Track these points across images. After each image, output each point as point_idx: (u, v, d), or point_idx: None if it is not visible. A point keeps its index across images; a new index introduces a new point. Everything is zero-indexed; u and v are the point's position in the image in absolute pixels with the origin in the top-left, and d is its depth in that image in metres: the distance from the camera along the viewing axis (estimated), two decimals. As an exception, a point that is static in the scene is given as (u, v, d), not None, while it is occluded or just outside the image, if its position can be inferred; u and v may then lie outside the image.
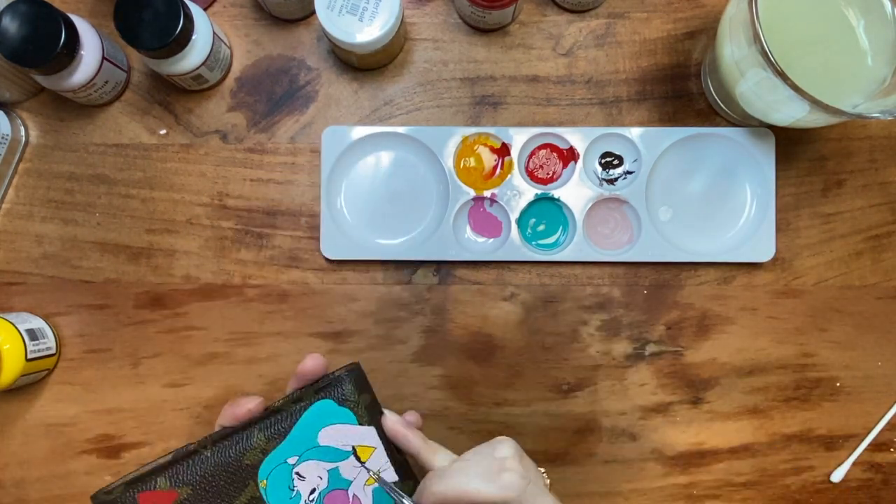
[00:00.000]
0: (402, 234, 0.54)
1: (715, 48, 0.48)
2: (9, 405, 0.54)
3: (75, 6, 0.54)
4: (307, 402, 0.38)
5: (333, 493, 0.38)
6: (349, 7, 0.48)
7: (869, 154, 0.55)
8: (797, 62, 0.43)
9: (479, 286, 0.54)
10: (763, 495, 0.55)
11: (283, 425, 0.38)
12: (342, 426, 0.38)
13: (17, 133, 0.54)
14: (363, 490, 0.39)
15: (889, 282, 0.55)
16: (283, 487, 0.38)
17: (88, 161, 0.55)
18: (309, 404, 0.38)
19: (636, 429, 0.54)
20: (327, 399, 0.38)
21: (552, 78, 0.55)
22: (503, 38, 0.55)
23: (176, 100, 0.55)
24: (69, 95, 0.51)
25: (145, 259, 0.54)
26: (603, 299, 0.54)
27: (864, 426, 0.55)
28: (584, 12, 0.55)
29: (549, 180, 0.54)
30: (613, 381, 0.54)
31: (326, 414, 0.38)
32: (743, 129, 0.53)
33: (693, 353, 0.54)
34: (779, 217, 0.54)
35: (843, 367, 0.55)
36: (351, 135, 0.53)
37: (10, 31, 0.46)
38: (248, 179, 0.55)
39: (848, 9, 0.46)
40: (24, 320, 0.52)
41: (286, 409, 0.38)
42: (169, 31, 0.47)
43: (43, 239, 0.55)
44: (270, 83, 0.55)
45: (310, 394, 0.39)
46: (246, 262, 0.54)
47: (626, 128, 0.53)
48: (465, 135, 0.53)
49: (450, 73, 0.55)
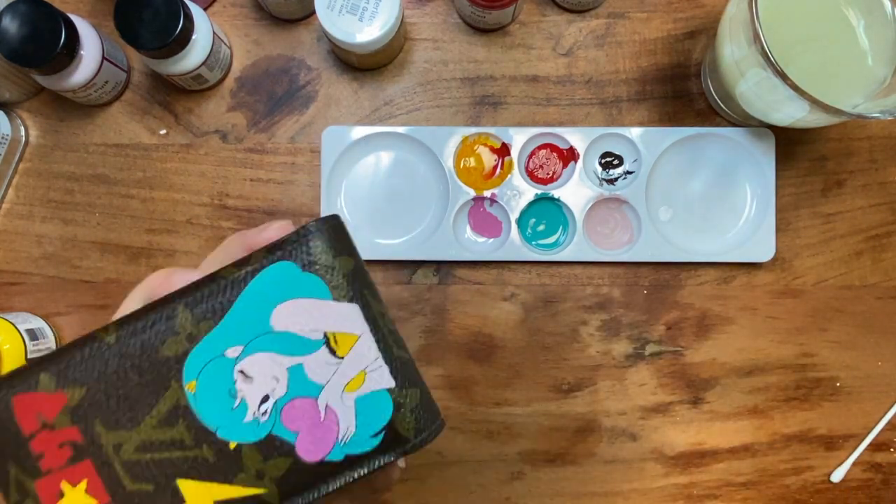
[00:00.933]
0: (402, 234, 0.54)
1: (715, 48, 0.48)
2: (9, 405, 0.54)
3: (75, 6, 0.54)
4: (255, 265, 0.26)
5: (295, 402, 0.26)
6: (349, 7, 0.48)
7: (869, 154, 0.55)
8: (797, 62, 0.43)
9: (479, 286, 0.54)
10: (763, 495, 0.55)
11: (219, 300, 0.26)
12: (308, 301, 0.26)
13: (17, 133, 0.54)
14: (341, 398, 0.26)
15: (889, 282, 0.55)
16: (221, 391, 0.26)
17: (88, 161, 0.55)
18: (258, 269, 0.26)
19: (636, 429, 0.54)
20: (286, 262, 0.26)
21: (552, 78, 0.55)
22: (503, 38, 0.55)
23: (176, 100, 0.55)
24: (69, 95, 0.51)
25: (145, 259, 0.54)
26: (603, 299, 0.54)
27: (864, 426, 0.55)
28: (584, 12, 0.55)
29: (549, 180, 0.54)
30: (613, 381, 0.54)
31: (285, 284, 0.26)
32: (743, 129, 0.53)
33: (693, 353, 0.54)
34: (779, 217, 0.54)
35: (843, 367, 0.55)
36: (351, 135, 0.53)
37: (10, 31, 0.46)
38: (248, 179, 0.55)
39: (848, 9, 0.46)
40: (24, 320, 0.52)
41: (224, 277, 0.26)
42: (169, 31, 0.47)
43: (43, 239, 0.55)
44: (270, 83, 0.55)
45: (260, 253, 0.26)
46: (246, 262, 0.54)
47: (626, 128, 0.53)
48: (465, 135, 0.53)
49: (450, 73, 0.55)
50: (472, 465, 0.54)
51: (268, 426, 0.26)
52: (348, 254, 0.27)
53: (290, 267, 0.26)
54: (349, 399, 0.26)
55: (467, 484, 0.54)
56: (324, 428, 0.26)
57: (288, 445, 0.26)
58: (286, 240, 0.26)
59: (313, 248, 0.26)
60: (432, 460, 0.46)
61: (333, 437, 0.26)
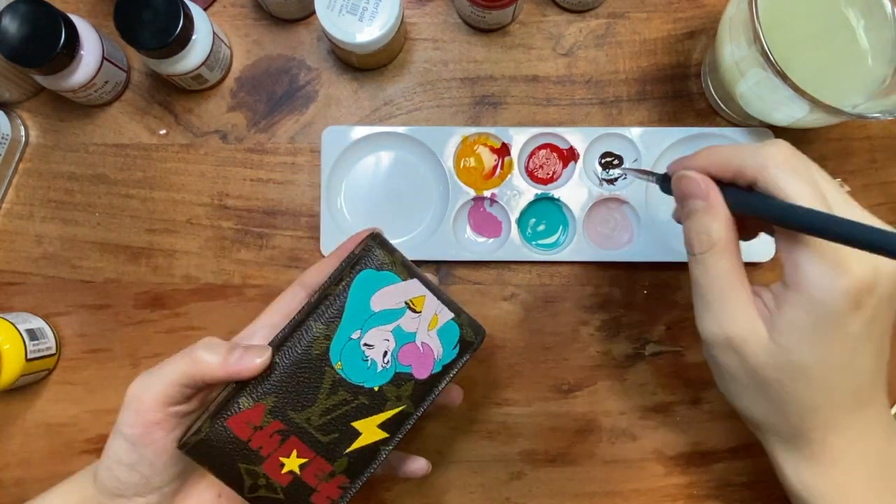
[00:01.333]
0: (402, 234, 0.54)
1: (715, 48, 0.48)
2: (9, 405, 0.54)
3: (75, 6, 0.54)
4: (348, 278, 0.39)
5: (404, 348, 0.40)
6: (349, 7, 0.48)
7: (869, 154, 0.55)
8: (797, 62, 0.43)
9: (479, 286, 0.54)
10: (763, 495, 0.54)
11: (335, 308, 0.39)
12: (388, 288, 0.39)
13: (17, 133, 0.54)
14: (428, 335, 0.40)
15: (889, 282, 0.55)
16: (358, 361, 0.39)
17: (88, 161, 0.55)
18: (351, 280, 0.39)
19: (636, 429, 0.54)
20: (366, 269, 0.39)
21: (552, 78, 0.55)
22: (503, 38, 0.55)
23: (176, 100, 0.55)
24: (69, 95, 0.51)
25: (145, 259, 0.54)
26: (603, 299, 0.54)
27: (864, 426, 0.55)
28: (584, 12, 0.55)
29: (549, 180, 0.54)
30: (613, 381, 0.54)
31: (370, 283, 0.39)
32: (743, 129, 0.53)
33: (693, 353, 0.54)
34: (779, 217, 0.54)
35: (843, 367, 0.55)
36: (351, 135, 0.53)
37: (10, 31, 0.46)
38: (248, 179, 0.55)
39: (848, 9, 0.46)
40: (24, 320, 0.52)
41: (331, 293, 0.39)
42: (169, 31, 0.47)
43: (43, 239, 0.55)
44: (270, 83, 0.55)
45: (347, 271, 0.39)
46: (246, 262, 0.54)
47: (626, 128, 0.53)
48: (465, 135, 0.53)
49: (450, 73, 0.55)
50: (472, 465, 0.54)
51: (392, 369, 0.40)
52: (396, 251, 0.40)
53: (370, 272, 0.39)
54: (433, 334, 0.40)
55: (467, 484, 0.54)
56: (424, 356, 0.40)
57: (408, 374, 0.40)
58: (361, 256, 0.39)
59: (377, 255, 0.39)
60: (432, 460, 0.46)
61: (432, 359, 0.40)
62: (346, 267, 0.39)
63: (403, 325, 0.40)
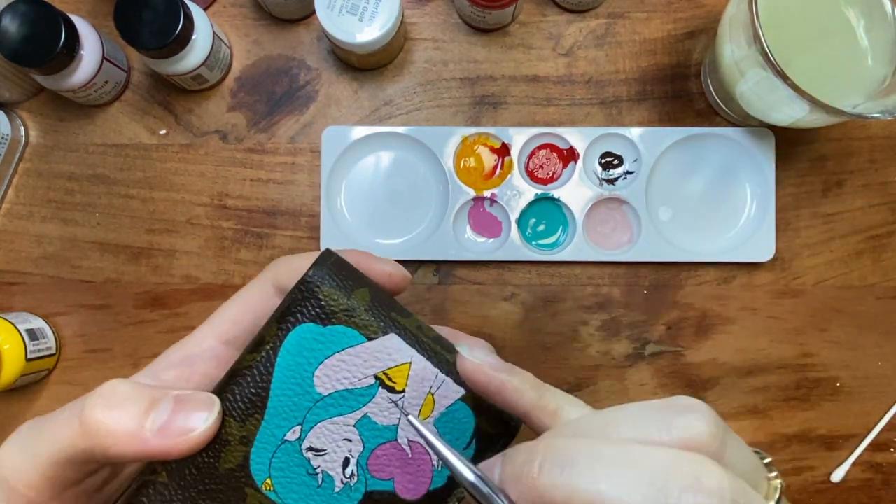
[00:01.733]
0: (402, 234, 0.54)
1: (715, 48, 0.48)
2: (9, 405, 0.54)
3: (75, 6, 0.54)
4: (273, 342, 0.25)
5: (377, 452, 0.25)
6: (349, 7, 0.48)
7: (869, 154, 0.55)
8: (797, 62, 0.43)
9: (479, 286, 0.54)
10: (763, 495, 0.54)
11: (253, 391, 0.25)
12: (344, 354, 0.25)
13: (17, 133, 0.54)
14: (419, 428, 0.24)
15: (889, 282, 0.55)
16: (299, 476, 0.25)
17: (88, 161, 0.55)
18: (278, 345, 0.25)
19: (636, 429, 0.54)
20: (303, 324, 0.25)
21: (552, 78, 0.55)
22: (503, 38, 0.55)
23: (176, 100, 0.55)
24: (69, 95, 0.51)
25: (145, 259, 0.54)
26: (603, 299, 0.54)
27: (864, 426, 0.55)
28: (584, 12, 0.55)
29: (549, 180, 0.54)
30: (613, 381, 0.54)
31: (312, 347, 0.25)
32: (743, 129, 0.53)
33: (693, 353, 0.54)
34: (779, 217, 0.54)
35: (843, 367, 0.55)
36: (351, 135, 0.53)
37: (10, 31, 0.46)
38: (248, 179, 0.55)
39: (848, 9, 0.46)
40: (24, 320, 0.52)
41: (247, 367, 0.25)
42: (169, 31, 0.47)
43: (43, 239, 0.55)
44: (270, 83, 0.55)
45: (272, 328, 0.25)
46: (246, 262, 0.54)
47: (626, 128, 0.53)
48: (465, 135, 0.53)
49: (450, 73, 0.55)
50: (472, 465, 0.54)
51: (361, 486, 0.25)
52: (359, 285, 0.25)
53: (309, 328, 0.25)
54: (429, 424, 0.25)
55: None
56: (415, 463, 0.25)
57: (388, 494, 0.25)
58: (292, 302, 0.25)
59: (323, 298, 0.25)
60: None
61: (429, 467, 0.25)
62: (271, 321, 0.25)
63: (375, 415, 0.25)
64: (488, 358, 0.25)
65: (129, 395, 0.23)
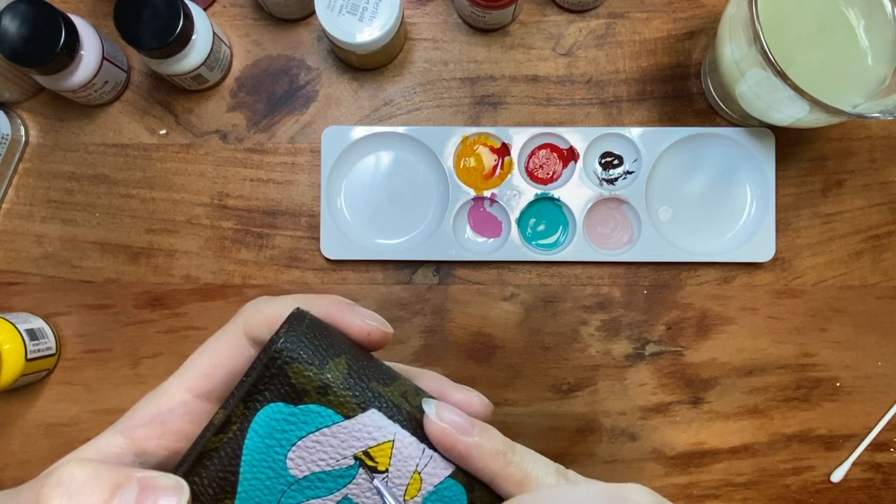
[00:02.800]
0: (402, 234, 0.54)
1: (715, 48, 0.48)
2: (9, 405, 0.54)
3: (75, 6, 0.54)
4: (237, 423, 0.23)
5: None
6: (349, 7, 0.48)
7: (869, 154, 0.55)
8: (797, 62, 0.43)
9: (479, 286, 0.54)
10: (763, 495, 0.54)
11: (221, 475, 0.23)
12: (318, 435, 0.23)
13: (17, 133, 0.54)
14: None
15: (889, 282, 0.55)
16: None
17: (88, 161, 0.55)
18: (245, 426, 0.23)
19: (636, 429, 0.54)
20: (272, 404, 0.23)
21: (552, 78, 0.55)
22: (503, 38, 0.55)
23: (176, 100, 0.55)
24: (69, 95, 0.51)
25: (145, 259, 0.54)
26: (603, 299, 0.54)
27: (864, 426, 0.55)
28: (584, 12, 0.55)
29: (549, 180, 0.54)
30: (613, 381, 0.54)
31: (282, 427, 0.23)
32: (743, 129, 0.53)
33: (693, 353, 0.54)
34: (779, 217, 0.54)
35: (843, 367, 0.55)
36: (351, 135, 0.53)
37: (10, 31, 0.46)
38: (248, 179, 0.55)
39: (848, 9, 0.46)
40: (24, 320, 0.52)
41: (214, 450, 0.23)
42: (169, 31, 0.47)
43: (43, 239, 0.55)
44: (270, 83, 0.55)
45: (238, 407, 0.23)
46: (246, 262, 0.54)
47: (626, 128, 0.53)
48: (465, 135, 0.53)
49: (450, 73, 0.55)
50: (472, 465, 0.54)
51: None
52: (335, 353, 0.23)
53: (279, 408, 0.22)
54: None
55: None
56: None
57: None
58: (258, 378, 0.22)
59: (293, 375, 0.22)
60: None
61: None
62: (236, 397, 0.23)
63: (356, 496, 0.23)
64: (455, 417, 0.24)
65: (88, 481, 0.21)
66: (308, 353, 0.22)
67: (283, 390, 0.22)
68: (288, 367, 0.22)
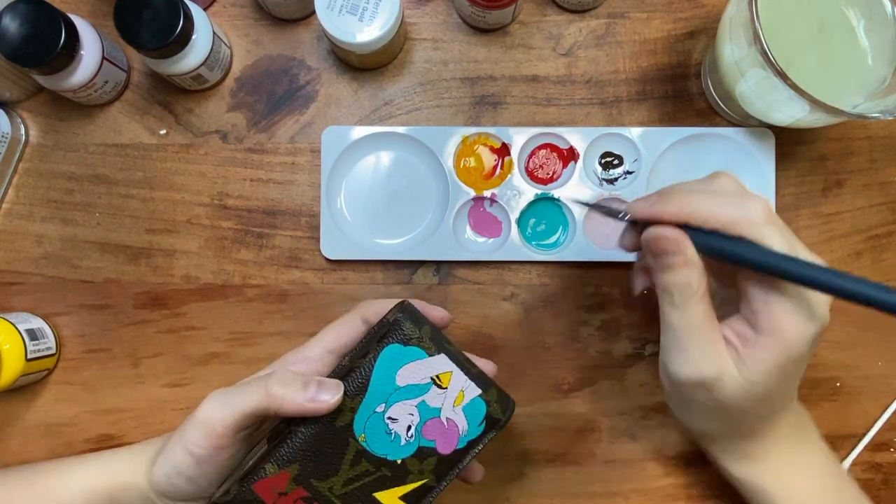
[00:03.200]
0: (402, 234, 0.54)
1: (715, 48, 0.48)
2: (9, 405, 0.54)
3: (75, 6, 0.54)
4: (374, 353, 0.40)
5: (428, 423, 0.40)
6: (349, 7, 0.48)
7: (869, 154, 0.55)
8: (797, 62, 0.43)
9: (479, 286, 0.54)
10: (763, 495, 0.54)
11: (359, 381, 0.39)
12: (415, 363, 0.40)
13: (18, 132, 0.54)
14: (453, 411, 0.40)
15: (889, 282, 0.55)
16: (381, 434, 0.40)
17: (88, 161, 0.55)
18: (377, 354, 0.39)
19: (636, 429, 0.54)
20: (392, 344, 0.40)
21: (552, 78, 0.55)
22: (503, 38, 0.55)
23: (176, 100, 0.55)
24: (69, 95, 0.51)
25: (145, 259, 0.54)
26: (603, 299, 0.54)
27: (864, 426, 0.55)
28: (584, 12, 0.55)
29: (549, 180, 0.54)
30: (613, 381, 0.54)
31: (396, 357, 0.40)
32: (743, 129, 0.53)
33: (693, 353, 0.54)
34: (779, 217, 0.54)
35: (843, 367, 0.55)
36: (351, 135, 0.53)
37: (10, 31, 0.46)
38: (248, 179, 0.55)
39: (848, 9, 0.46)
40: (24, 320, 0.52)
41: (357, 366, 0.39)
42: (169, 31, 0.47)
43: (43, 239, 0.55)
44: (270, 83, 0.55)
45: (373, 345, 0.40)
46: (246, 262, 0.54)
47: (626, 128, 0.53)
48: (465, 135, 0.53)
49: (450, 73, 0.55)
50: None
51: (415, 443, 0.40)
52: (424, 322, 0.41)
53: (396, 347, 0.40)
54: (458, 410, 0.40)
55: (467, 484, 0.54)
56: (449, 432, 0.40)
57: (431, 449, 0.40)
58: (388, 330, 0.40)
59: (405, 329, 0.40)
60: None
61: (456, 434, 0.40)
62: (372, 340, 0.40)
63: (428, 400, 0.40)
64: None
65: (293, 379, 0.39)
66: (412, 320, 0.40)
67: (399, 337, 0.40)
68: (403, 325, 0.40)
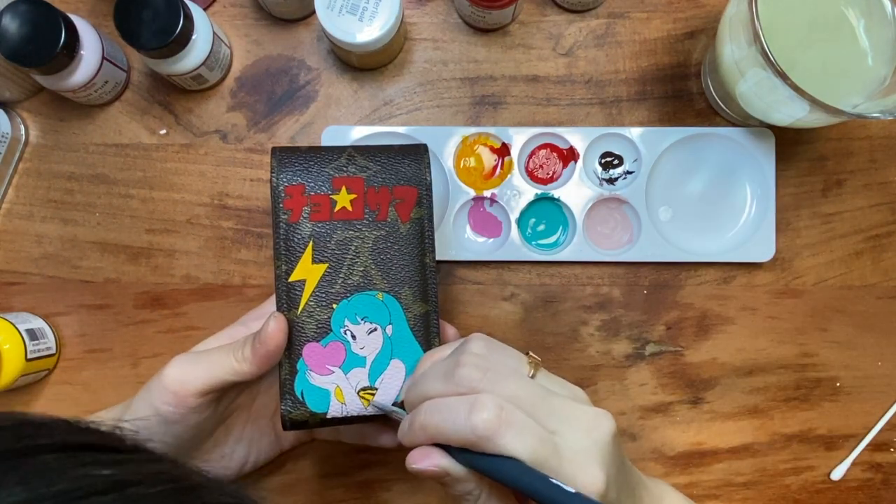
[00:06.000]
0: (402, 234, 0.54)
1: (715, 48, 0.48)
2: (9, 405, 0.54)
3: (75, 6, 0.54)
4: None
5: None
6: (349, 7, 0.48)
7: (869, 154, 0.55)
8: (797, 62, 0.43)
9: (479, 286, 0.54)
10: (763, 495, 0.55)
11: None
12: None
13: (17, 132, 0.54)
14: None
15: (889, 282, 0.55)
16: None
17: (88, 161, 0.55)
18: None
19: (636, 429, 0.54)
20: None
21: (552, 78, 0.55)
22: (503, 38, 0.55)
23: (176, 100, 0.55)
24: (69, 95, 0.51)
25: (145, 259, 0.54)
26: (603, 299, 0.54)
27: (864, 426, 0.55)
28: (584, 12, 0.55)
29: (549, 180, 0.54)
30: (613, 381, 0.54)
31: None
32: (743, 129, 0.53)
33: (693, 353, 0.54)
34: (779, 217, 0.54)
35: (843, 367, 0.55)
36: (351, 135, 0.53)
37: (10, 31, 0.46)
38: (248, 179, 0.55)
39: (848, 9, 0.46)
40: (24, 320, 0.52)
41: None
42: (169, 31, 0.47)
43: (43, 239, 0.55)
44: (270, 83, 0.55)
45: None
46: (246, 262, 0.54)
47: (626, 128, 0.53)
48: (465, 135, 0.53)
49: (450, 73, 0.55)
50: (472, 465, 0.54)
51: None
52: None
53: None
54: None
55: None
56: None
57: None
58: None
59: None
60: (432, 460, 0.46)
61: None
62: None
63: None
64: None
65: (239, 346, 0.40)
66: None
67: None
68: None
